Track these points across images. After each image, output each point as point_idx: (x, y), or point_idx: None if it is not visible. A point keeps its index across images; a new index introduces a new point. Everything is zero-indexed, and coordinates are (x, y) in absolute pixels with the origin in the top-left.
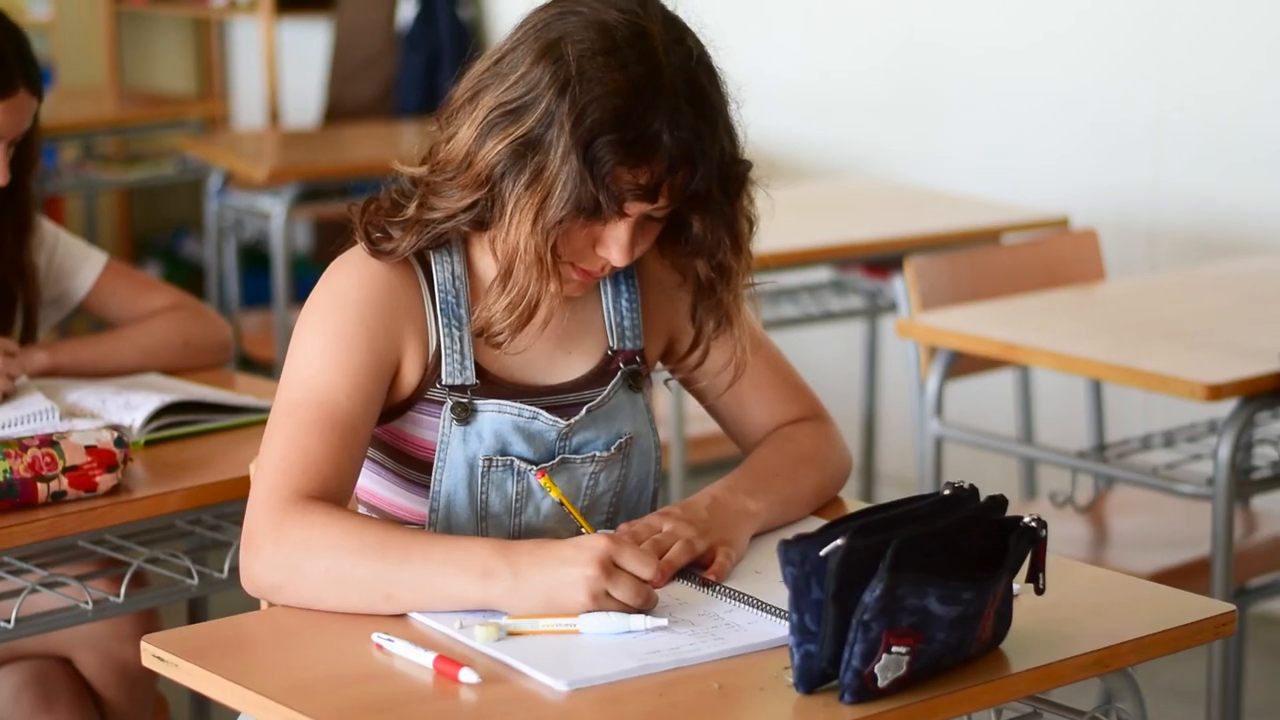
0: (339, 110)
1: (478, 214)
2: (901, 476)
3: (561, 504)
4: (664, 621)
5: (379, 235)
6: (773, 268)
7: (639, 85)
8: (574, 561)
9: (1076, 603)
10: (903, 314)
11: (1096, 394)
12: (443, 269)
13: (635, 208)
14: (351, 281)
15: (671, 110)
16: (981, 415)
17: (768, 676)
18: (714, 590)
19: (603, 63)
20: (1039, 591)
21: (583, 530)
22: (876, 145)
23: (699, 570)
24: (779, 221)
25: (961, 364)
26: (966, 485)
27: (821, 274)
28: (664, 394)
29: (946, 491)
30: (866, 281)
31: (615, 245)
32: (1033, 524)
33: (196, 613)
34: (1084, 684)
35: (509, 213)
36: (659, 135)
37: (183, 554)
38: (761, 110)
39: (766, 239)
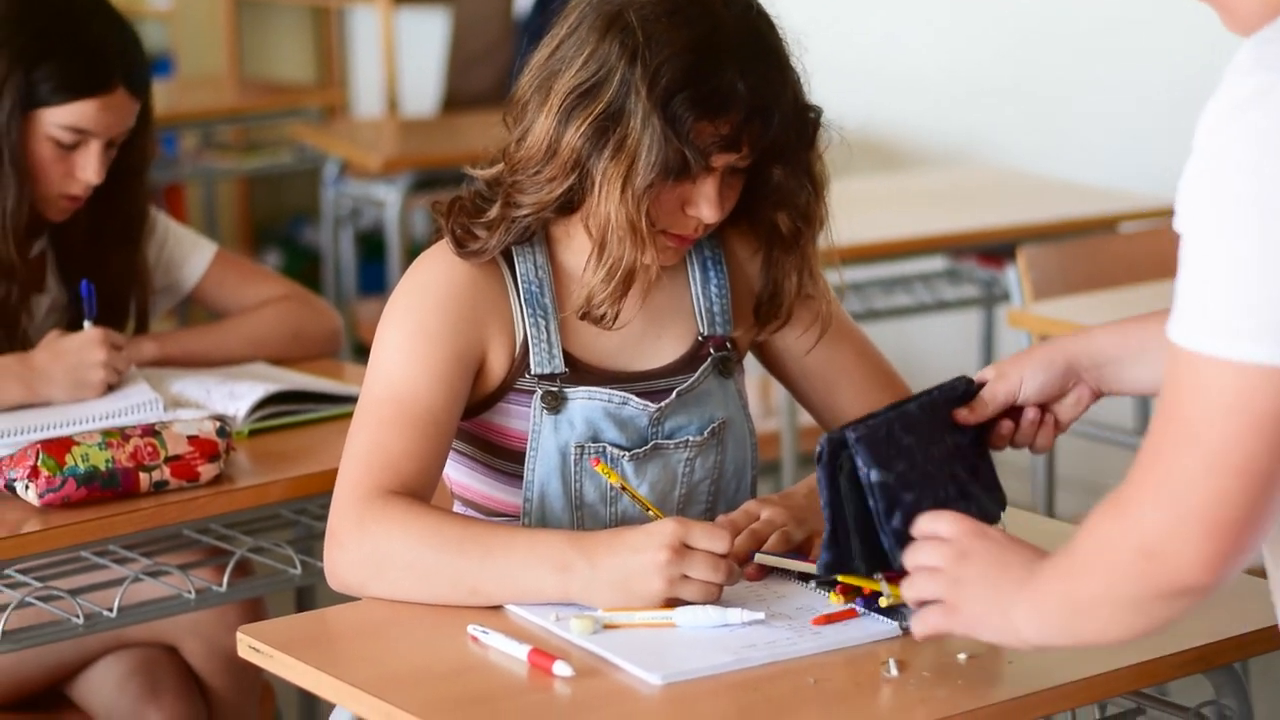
0: (457, 99)
1: (566, 200)
2: (1018, 466)
3: (633, 494)
4: (760, 615)
5: (464, 234)
6: (887, 256)
7: (705, 40)
8: (644, 548)
9: None
10: (1015, 303)
11: None
12: (525, 260)
13: (721, 159)
14: (433, 277)
15: (740, 60)
16: (1100, 405)
17: (865, 671)
18: (810, 583)
19: (667, 24)
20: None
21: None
22: (994, 133)
23: (798, 560)
24: (893, 210)
25: None
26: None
27: (936, 263)
28: (776, 385)
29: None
30: (981, 270)
31: (705, 202)
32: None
33: (304, 602)
34: (1195, 678)
35: (597, 186)
36: (733, 85)
37: (286, 543)
38: (882, 99)
39: (880, 228)
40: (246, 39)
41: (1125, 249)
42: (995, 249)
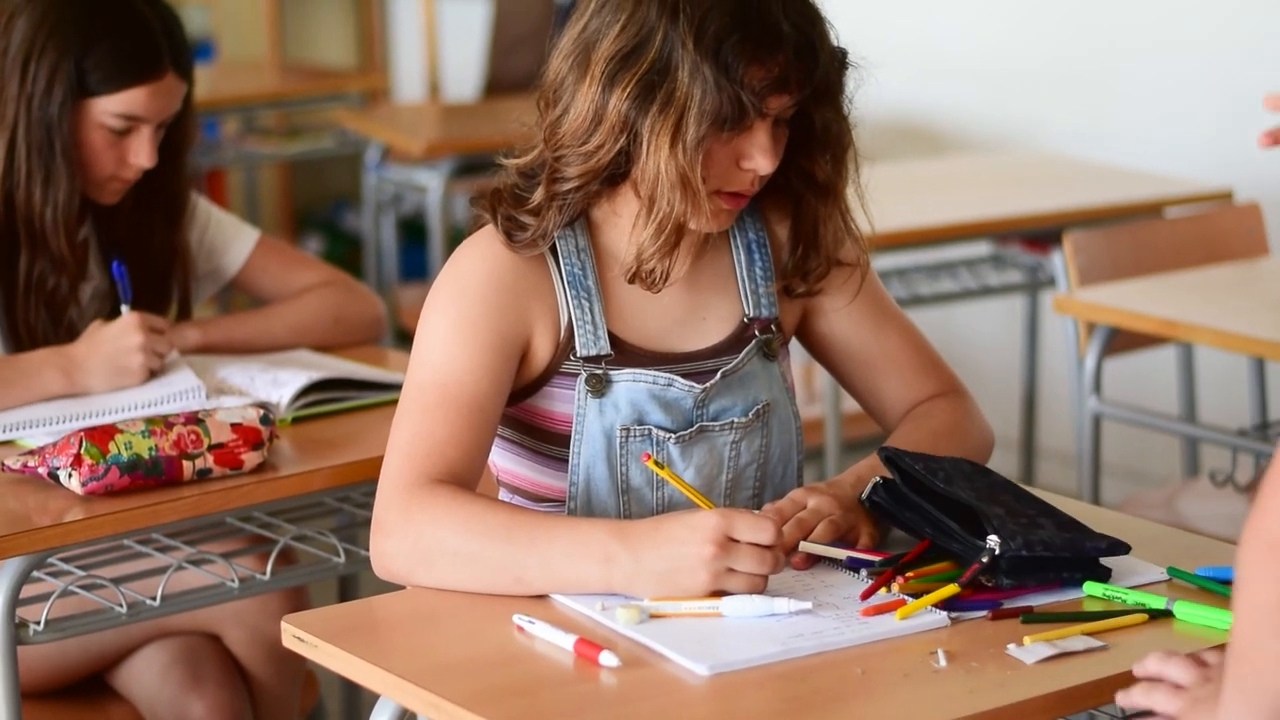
0: (499, 84)
1: (614, 166)
2: (1064, 452)
3: (682, 484)
4: (808, 605)
5: (511, 225)
6: (931, 242)
7: None
8: (689, 542)
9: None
10: (1061, 289)
11: (1260, 371)
12: (567, 243)
13: (776, 102)
14: (475, 264)
15: (781, 1)
16: (1145, 391)
17: (913, 661)
18: (861, 572)
19: None
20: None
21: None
22: (1039, 118)
23: (844, 548)
24: (938, 196)
25: (1121, 340)
26: None
27: (981, 248)
28: (819, 371)
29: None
30: (1026, 256)
31: (759, 151)
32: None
33: (347, 591)
34: None
35: (645, 144)
36: (779, 24)
37: (330, 531)
38: (926, 84)
39: (924, 213)
40: (288, 23)
41: (1171, 234)
42: (1040, 234)
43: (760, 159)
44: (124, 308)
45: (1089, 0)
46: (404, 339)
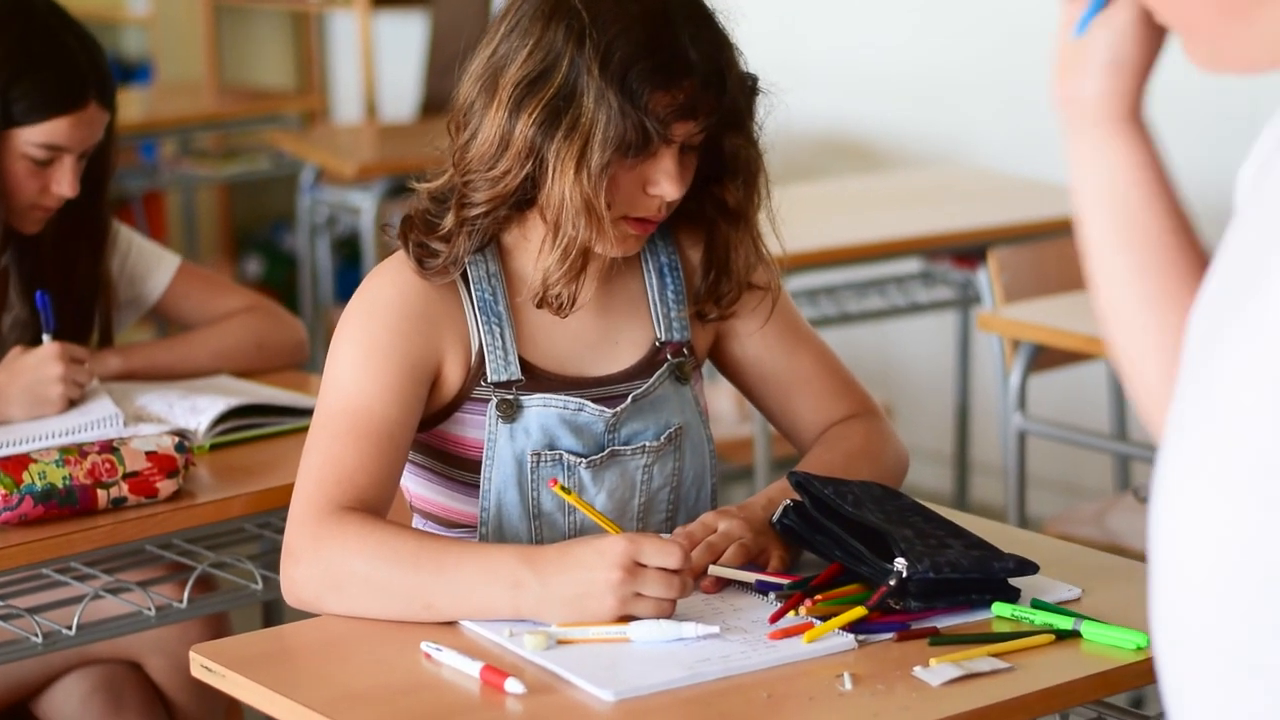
0: (437, 103)
1: (521, 191)
2: (998, 467)
3: (588, 507)
4: (715, 629)
5: (422, 252)
6: (859, 259)
7: (654, 12)
8: (595, 567)
9: (1135, 605)
10: (986, 306)
11: None
12: (478, 268)
13: (680, 129)
14: (385, 290)
15: (691, 26)
16: (1081, 404)
17: (819, 685)
18: (769, 595)
19: (611, 3)
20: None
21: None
22: (968, 133)
23: (754, 572)
24: (866, 212)
25: (1048, 357)
26: None
27: (911, 265)
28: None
29: None
30: (956, 272)
31: (665, 178)
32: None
33: (271, 617)
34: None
35: (550, 169)
36: (686, 52)
37: (250, 558)
38: (852, 99)
39: (852, 230)
40: (226, 45)
41: None
42: (969, 250)
43: (667, 185)
44: (45, 337)
45: (1019, 15)
46: None
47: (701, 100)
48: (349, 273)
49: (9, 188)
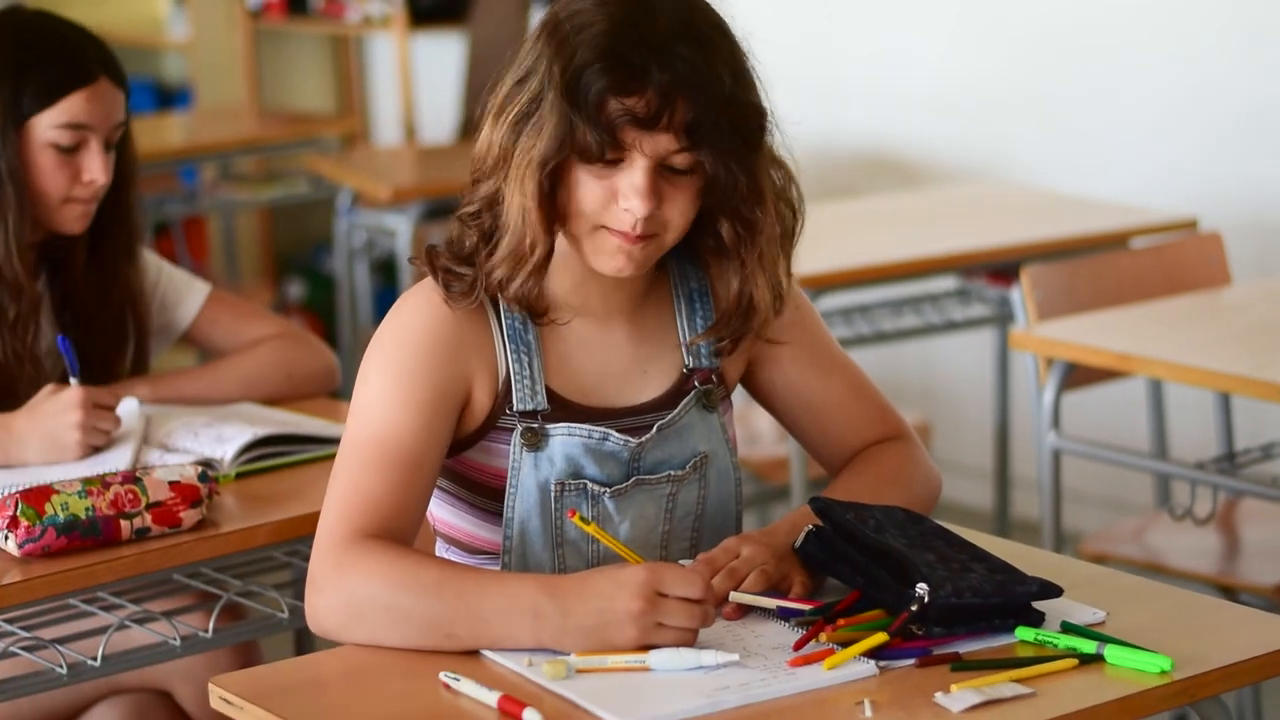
0: (476, 124)
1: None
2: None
3: (603, 537)
4: (735, 656)
5: (448, 276)
6: (895, 278)
7: (627, 18)
8: (616, 597)
9: (1162, 628)
10: (1020, 324)
11: (1225, 401)
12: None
13: (639, 140)
14: (415, 317)
15: (663, 39)
16: (1119, 420)
17: (840, 712)
18: (790, 621)
19: (592, 9)
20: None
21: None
22: (1005, 149)
23: (776, 598)
24: (902, 230)
25: (1081, 374)
26: None
27: (947, 282)
28: None
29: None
30: (991, 290)
31: (632, 191)
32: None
33: (302, 645)
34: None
35: (513, 169)
36: (646, 61)
37: (274, 587)
38: (890, 115)
39: (888, 248)
40: (265, 69)
41: (1133, 265)
42: (1004, 268)
43: (634, 199)
44: (72, 380)
45: (1057, 31)
46: None
47: (663, 113)
48: (387, 295)
49: (39, 184)
